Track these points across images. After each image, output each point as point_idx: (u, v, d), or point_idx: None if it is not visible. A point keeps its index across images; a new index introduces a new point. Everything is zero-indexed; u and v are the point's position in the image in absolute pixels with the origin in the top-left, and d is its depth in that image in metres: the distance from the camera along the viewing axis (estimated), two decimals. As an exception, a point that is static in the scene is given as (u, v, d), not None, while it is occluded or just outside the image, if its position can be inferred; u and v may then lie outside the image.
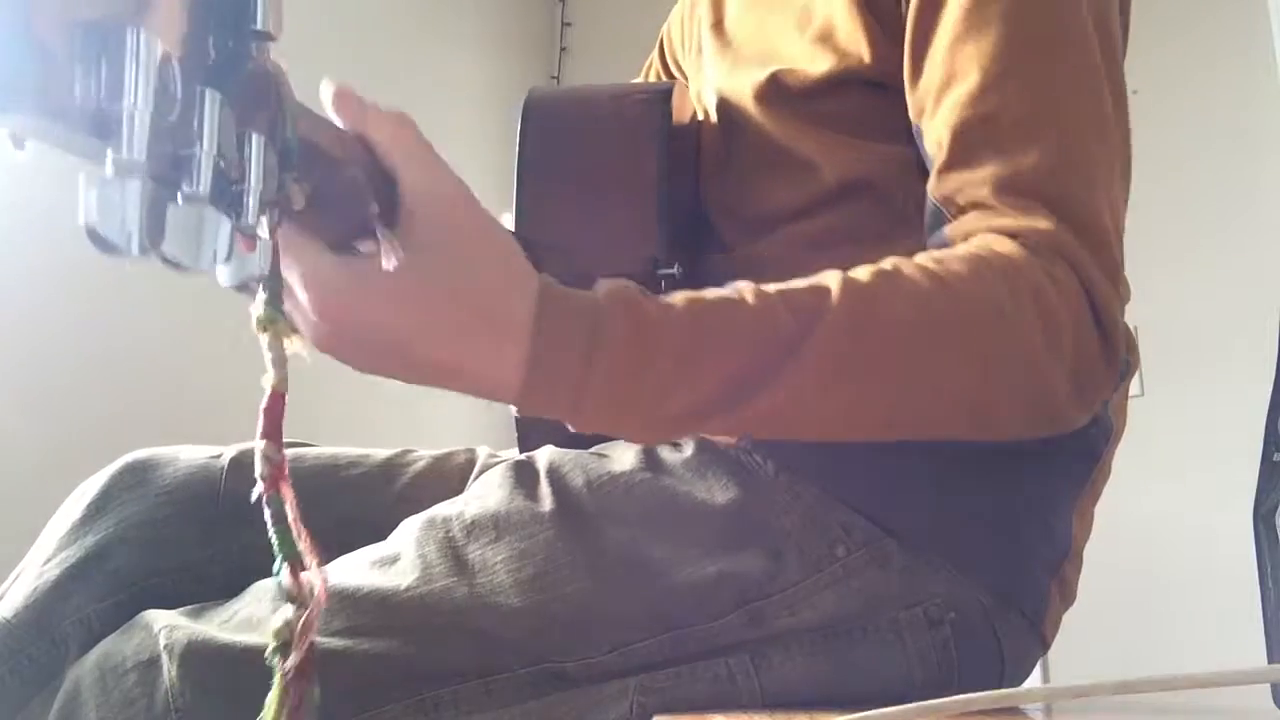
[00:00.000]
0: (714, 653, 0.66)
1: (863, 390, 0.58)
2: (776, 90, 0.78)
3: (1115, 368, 0.64)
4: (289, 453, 0.81)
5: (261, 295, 0.39)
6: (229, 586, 0.69)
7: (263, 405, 0.38)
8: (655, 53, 1.07)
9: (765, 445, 0.71)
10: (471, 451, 0.87)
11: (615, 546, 0.67)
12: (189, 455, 0.79)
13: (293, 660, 0.34)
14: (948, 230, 0.66)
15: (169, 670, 0.60)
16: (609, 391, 0.53)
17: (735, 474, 0.70)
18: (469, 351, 0.51)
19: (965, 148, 0.65)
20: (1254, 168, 2.34)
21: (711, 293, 0.57)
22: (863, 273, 0.59)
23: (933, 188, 0.67)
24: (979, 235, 0.63)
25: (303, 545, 0.36)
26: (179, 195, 0.31)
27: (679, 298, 0.56)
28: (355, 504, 0.80)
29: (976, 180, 0.64)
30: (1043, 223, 0.62)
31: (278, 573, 0.35)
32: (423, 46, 2.47)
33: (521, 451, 0.79)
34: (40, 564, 0.73)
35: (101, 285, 1.45)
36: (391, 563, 0.67)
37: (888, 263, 0.60)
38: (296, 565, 0.35)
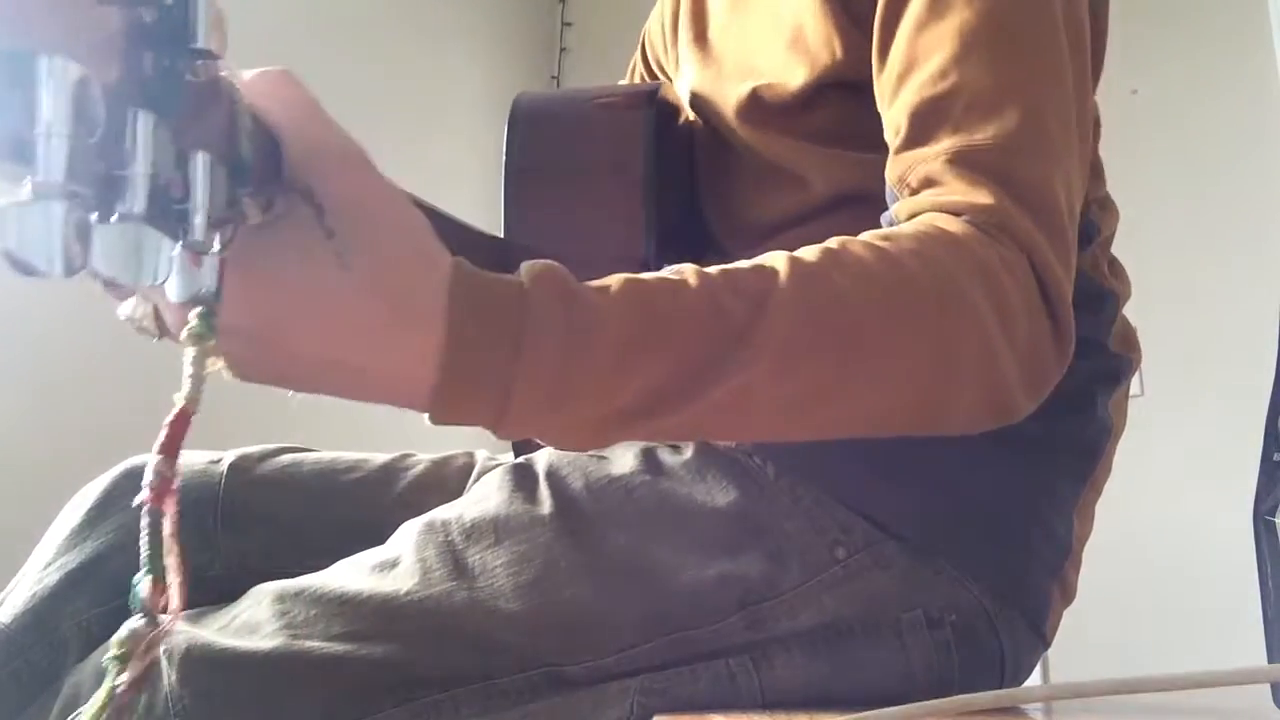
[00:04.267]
0: (714, 654, 0.66)
1: (816, 376, 0.53)
2: (757, 107, 0.77)
3: (1065, 355, 0.61)
4: (288, 456, 0.83)
5: (196, 310, 0.37)
6: (228, 591, 0.69)
7: (168, 419, 0.36)
8: (638, 54, 1.06)
9: (766, 448, 0.71)
10: (470, 455, 0.87)
11: (615, 549, 0.67)
12: (188, 460, 0.79)
13: (128, 675, 0.33)
14: (895, 208, 0.63)
15: (168, 675, 0.60)
16: (541, 388, 0.46)
17: (735, 476, 0.70)
18: (368, 346, 0.43)
19: (922, 128, 0.63)
20: (1254, 168, 2.34)
21: (650, 276, 0.51)
22: (809, 253, 0.55)
23: (888, 171, 0.65)
24: (926, 214, 0.60)
25: (170, 562, 0.35)
26: (114, 215, 0.30)
27: (615, 280, 0.50)
28: (355, 508, 0.80)
29: (930, 156, 0.62)
30: (987, 198, 0.59)
31: (137, 584, 0.34)
32: (423, 47, 2.47)
33: (516, 454, 0.79)
34: (40, 569, 0.73)
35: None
36: (391, 567, 0.67)
37: (834, 241, 0.56)
38: (159, 582, 0.34)
